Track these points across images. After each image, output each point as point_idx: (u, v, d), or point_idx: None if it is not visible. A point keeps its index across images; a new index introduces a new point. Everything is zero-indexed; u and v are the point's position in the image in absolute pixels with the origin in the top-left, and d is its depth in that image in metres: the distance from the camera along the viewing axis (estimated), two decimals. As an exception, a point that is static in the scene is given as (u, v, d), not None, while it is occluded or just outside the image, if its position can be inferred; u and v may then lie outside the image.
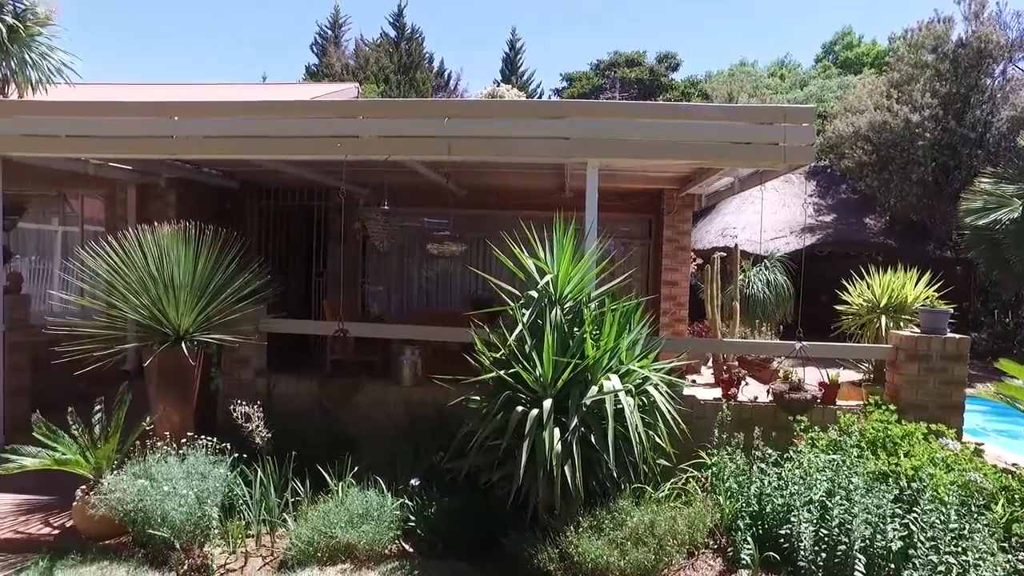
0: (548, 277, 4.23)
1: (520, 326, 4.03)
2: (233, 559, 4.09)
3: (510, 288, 4.47)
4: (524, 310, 4.21)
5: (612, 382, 3.93)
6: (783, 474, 4.20)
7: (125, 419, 4.46)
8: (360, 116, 5.17)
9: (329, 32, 31.52)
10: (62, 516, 4.52)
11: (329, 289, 9.61)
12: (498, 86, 9.42)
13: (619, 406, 3.88)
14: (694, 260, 10.68)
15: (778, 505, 4.03)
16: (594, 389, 3.91)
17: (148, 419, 4.56)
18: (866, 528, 3.65)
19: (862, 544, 3.62)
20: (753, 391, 6.10)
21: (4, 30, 6.48)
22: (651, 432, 4.16)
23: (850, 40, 31.98)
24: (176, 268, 4.71)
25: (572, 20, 57.14)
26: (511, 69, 33.28)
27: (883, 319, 6.27)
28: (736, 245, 9.51)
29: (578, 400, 3.86)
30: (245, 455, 4.44)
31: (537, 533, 3.84)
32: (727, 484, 4.37)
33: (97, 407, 4.51)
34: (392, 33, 31.11)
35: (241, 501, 4.31)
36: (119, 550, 4.11)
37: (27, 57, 6.88)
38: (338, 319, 5.37)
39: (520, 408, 3.87)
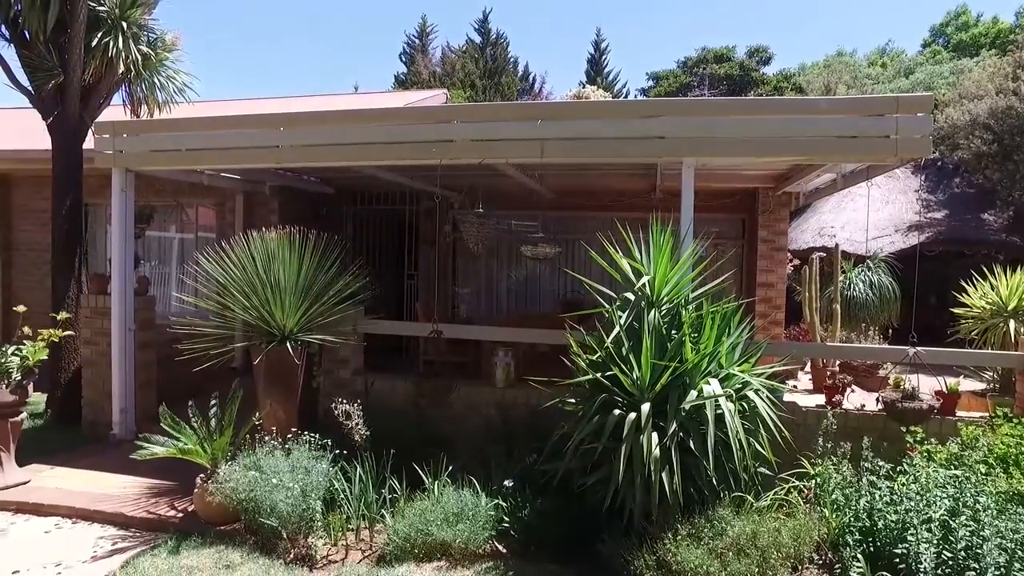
0: (645, 279, 4.16)
1: (617, 328, 3.98)
2: (335, 551, 4.24)
3: (605, 290, 4.43)
4: (620, 312, 4.16)
5: (712, 387, 3.81)
6: (896, 488, 3.93)
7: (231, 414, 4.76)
8: (454, 121, 5.27)
9: (417, 41, 32.46)
10: (184, 501, 4.87)
11: (420, 291, 9.87)
12: (583, 87, 9.36)
13: (719, 411, 3.76)
14: (790, 261, 10.22)
15: (891, 522, 3.76)
16: (693, 393, 3.81)
17: (257, 415, 4.83)
18: (1000, 555, 3.34)
19: (996, 572, 3.31)
20: (858, 399, 5.76)
21: (139, 58, 7.10)
22: (751, 439, 4.01)
23: (965, 20, 29.56)
24: (282, 272, 4.95)
25: (658, 18, 56.07)
26: (596, 70, 33.12)
27: (1011, 324, 5.75)
28: (836, 245, 9.02)
29: (676, 405, 3.77)
30: (344, 451, 4.61)
31: (633, 539, 3.78)
32: (832, 496, 4.14)
33: (212, 402, 4.81)
34: (477, 39, 31.65)
35: (341, 496, 4.45)
36: (233, 536, 4.36)
37: (156, 80, 7.52)
38: (432, 321, 5.49)
39: (617, 411, 3.82)
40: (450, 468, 4.56)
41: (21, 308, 5.51)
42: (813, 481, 4.35)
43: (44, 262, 9.98)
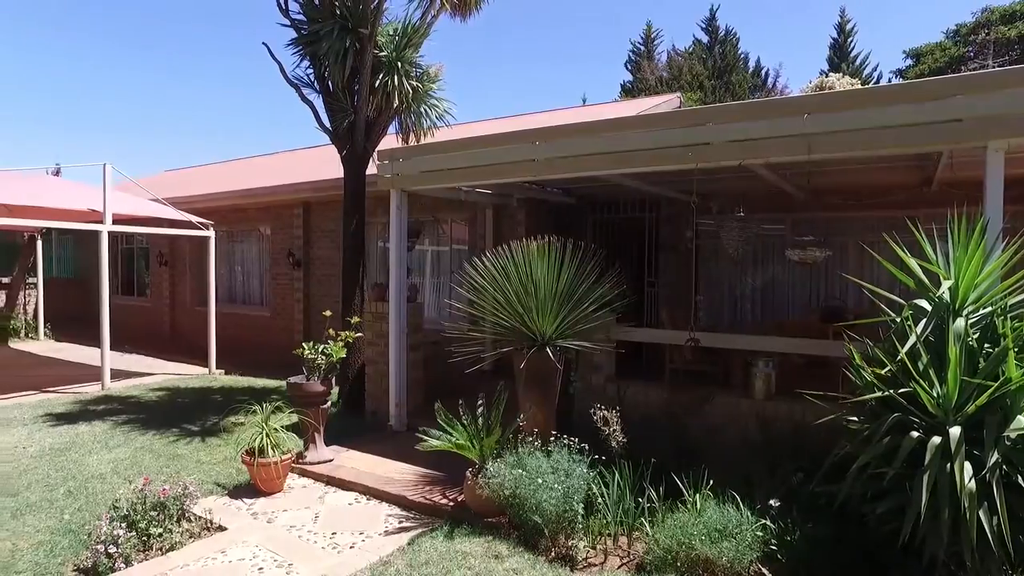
0: (946, 284, 3.62)
1: (912, 338, 3.51)
2: (593, 554, 4.30)
3: (894, 297, 3.94)
4: (913, 322, 3.66)
5: (1048, 413, 3.18)
6: None
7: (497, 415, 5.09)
8: (709, 123, 5.09)
9: (642, 47, 32.37)
10: (453, 491, 5.33)
11: (660, 298, 9.73)
12: (826, 76, 8.52)
13: (1058, 444, 3.12)
14: None
15: None
16: (1021, 419, 3.21)
17: (521, 416, 5.12)
18: None
19: None
20: None
21: (410, 91, 8.09)
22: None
23: None
24: (543, 279, 5.19)
25: (915, -14, 48.90)
26: (840, 55, 30.10)
27: None
28: None
29: (996, 431, 3.20)
30: (600, 456, 4.68)
31: (936, 585, 3.29)
32: None
33: (479, 402, 5.21)
34: (704, 38, 30.65)
35: (599, 500, 4.52)
36: (498, 528, 4.65)
37: (422, 109, 8.48)
38: (689, 329, 5.37)
39: (915, 434, 3.36)
40: (711, 483, 4.39)
41: (328, 313, 6.52)
42: None
43: (332, 274, 11.77)
